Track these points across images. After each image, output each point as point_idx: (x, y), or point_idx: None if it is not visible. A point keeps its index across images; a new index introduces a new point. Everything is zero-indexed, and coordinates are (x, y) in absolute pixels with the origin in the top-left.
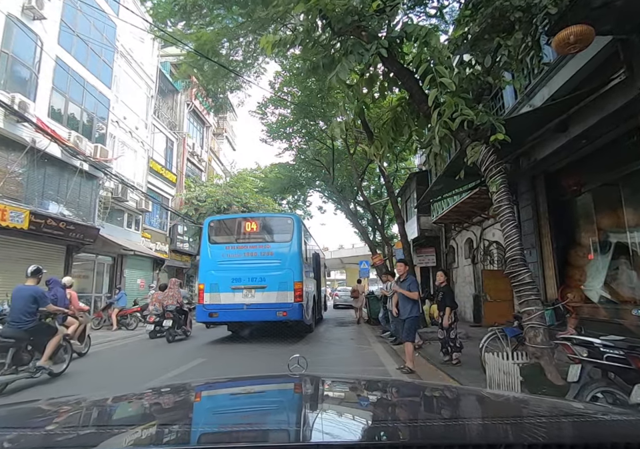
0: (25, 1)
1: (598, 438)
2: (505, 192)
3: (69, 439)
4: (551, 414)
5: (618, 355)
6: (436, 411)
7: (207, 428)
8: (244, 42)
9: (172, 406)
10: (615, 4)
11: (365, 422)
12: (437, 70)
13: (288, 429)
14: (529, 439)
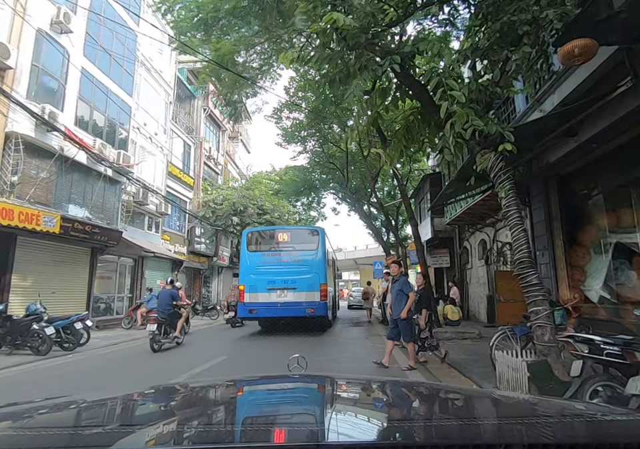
0: (54, 16)
1: (598, 438)
2: (513, 198)
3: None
4: (551, 414)
5: (616, 351)
6: (435, 411)
7: (208, 427)
8: (260, 50)
9: (169, 406)
10: (619, 17)
11: (365, 422)
12: (447, 83)
13: (288, 429)
14: (528, 439)
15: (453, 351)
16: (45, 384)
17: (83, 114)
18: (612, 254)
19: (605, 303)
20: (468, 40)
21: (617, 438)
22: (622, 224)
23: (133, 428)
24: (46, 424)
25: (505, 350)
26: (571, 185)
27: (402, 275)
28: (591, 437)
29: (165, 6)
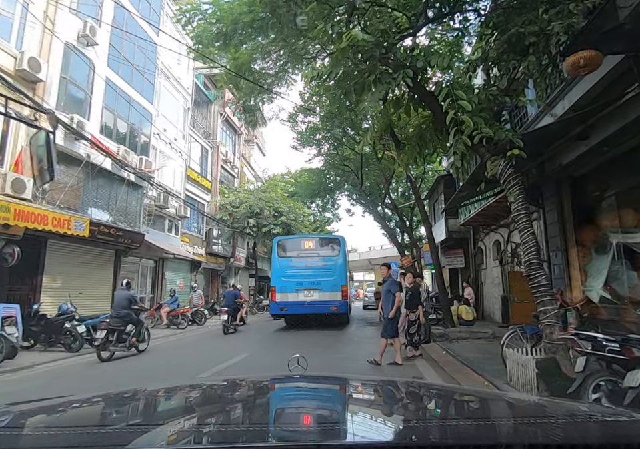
0: (80, 30)
1: (599, 438)
2: (522, 202)
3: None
4: (553, 415)
5: (615, 348)
6: (435, 411)
7: (210, 427)
8: (275, 57)
9: (171, 406)
10: (624, 28)
11: (366, 422)
12: (456, 94)
13: (288, 429)
14: (529, 439)
15: (466, 350)
16: (83, 378)
17: (107, 122)
18: (622, 255)
19: (606, 303)
20: (478, 50)
21: (620, 439)
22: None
23: (134, 427)
24: (47, 424)
25: (515, 348)
26: (584, 187)
27: (390, 276)
28: (593, 438)
29: (184, 18)
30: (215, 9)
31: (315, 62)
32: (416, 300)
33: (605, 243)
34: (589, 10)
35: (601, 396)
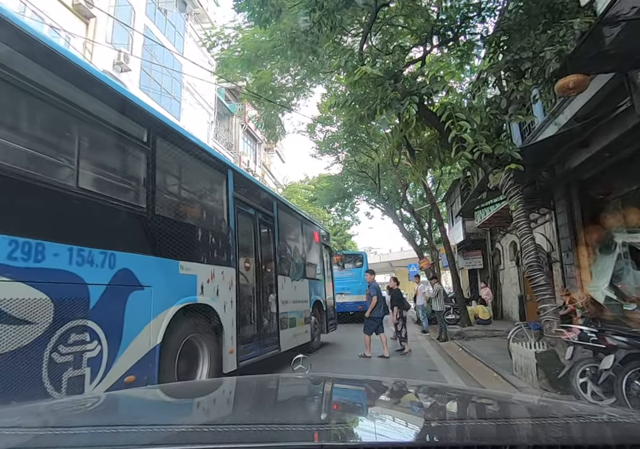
0: (115, 58)
1: (603, 439)
2: (522, 211)
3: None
4: (557, 416)
5: (595, 337)
6: (438, 411)
7: (211, 427)
8: (294, 72)
9: (174, 405)
10: (609, 53)
11: (368, 423)
12: (457, 116)
13: (290, 430)
14: (533, 440)
15: (480, 347)
16: None
17: None
18: (628, 254)
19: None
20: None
21: (626, 440)
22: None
23: (132, 427)
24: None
25: (520, 342)
26: (591, 190)
27: (373, 281)
28: (596, 438)
29: (209, 42)
30: (238, 37)
31: (332, 76)
32: (394, 302)
33: (609, 243)
34: (580, 35)
35: (586, 380)
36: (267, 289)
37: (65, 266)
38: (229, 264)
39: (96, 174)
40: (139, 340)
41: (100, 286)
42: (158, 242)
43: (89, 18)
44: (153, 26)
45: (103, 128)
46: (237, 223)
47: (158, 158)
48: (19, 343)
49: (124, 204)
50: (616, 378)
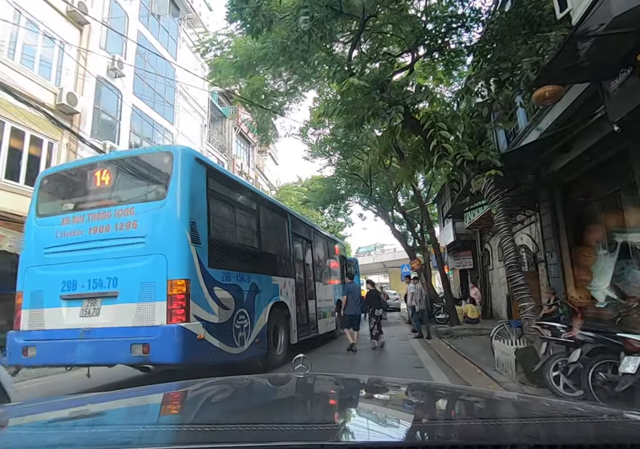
0: (109, 64)
1: (603, 439)
2: (502, 214)
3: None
4: (557, 415)
5: (564, 332)
6: (439, 411)
7: (212, 427)
8: (286, 77)
9: (175, 405)
10: (582, 65)
11: (369, 423)
12: (438, 125)
13: (291, 429)
14: (534, 440)
15: (468, 345)
16: None
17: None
18: (609, 254)
19: (604, 301)
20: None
21: (623, 440)
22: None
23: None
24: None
25: (501, 339)
26: (573, 192)
27: (348, 284)
28: (597, 438)
29: (203, 48)
30: (231, 44)
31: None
32: (367, 302)
33: (610, 243)
34: (555, 48)
35: (559, 373)
36: (310, 292)
37: (235, 281)
38: (291, 276)
39: (256, 237)
40: (260, 320)
41: (246, 291)
42: (264, 266)
43: (83, 24)
44: (147, 32)
45: (259, 218)
46: (293, 249)
47: (261, 218)
48: (223, 319)
49: (252, 247)
50: (583, 370)
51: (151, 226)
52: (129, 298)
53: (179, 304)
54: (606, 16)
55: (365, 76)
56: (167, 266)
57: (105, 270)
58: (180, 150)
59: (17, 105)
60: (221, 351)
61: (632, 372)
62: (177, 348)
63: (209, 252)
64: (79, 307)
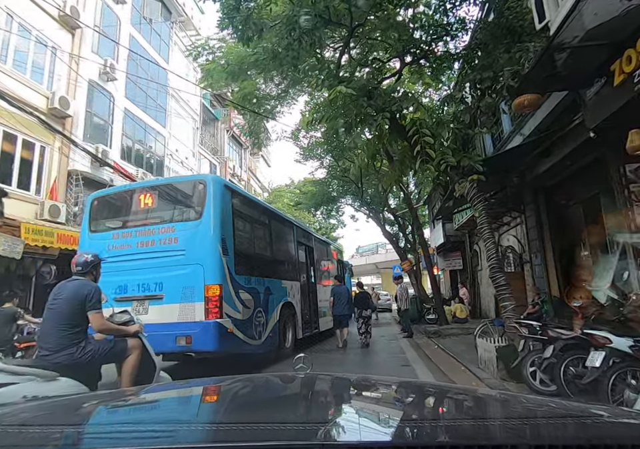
0: (101, 68)
1: (604, 439)
2: (485, 217)
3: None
4: (556, 415)
5: (540, 330)
6: (440, 411)
7: (212, 426)
8: (277, 81)
9: (175, 404)
10: (559, 74)
11: (370, 422)
12: (422, 132)
13: (292, 428)
14: (535, 440)
15: (455, 344)
16: None
17: (126, 148)
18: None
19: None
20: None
21: (624, 440)
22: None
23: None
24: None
25: (485, 337)
26: (555, 195)
27: (336, 286)
28: (598, 438)
29: (195, 52)
30: (223, 48)
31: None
32: (356, 303)
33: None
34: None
35: (535, 369)
36: (312, 293)
37: (255, 285)
38: (297, 280)
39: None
40: (272, 318)
41: (262, 293)
42: (275, 271)
43: (75, 28)
44: (138, 35)
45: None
46: (298, 255)
47: (272, 230)
48: (246, 316)
49: (266, 256)
50: (556, 365)
51: (189, 241)
52: (173, 299)
53: (214, 304)
54: (580, 29)
55: (352, 83)
56: (204, 274)
57: (151, 276)
58: (211, 178)
59: (8, 109)
60: (245, 343)
61: (597, 365)
62: (213, 339)
63: (234, 261)
64: (129, 307)
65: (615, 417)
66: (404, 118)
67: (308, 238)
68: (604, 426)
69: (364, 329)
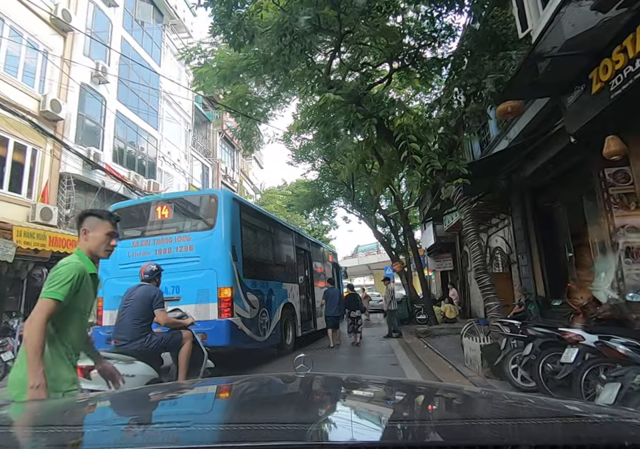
0: (93, 71)
1: (604, 439)
2: (470, 220)
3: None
4: (556, 415)
5: (520, 329)
6: (440, 411)
7: (211, 426)
8: (269, 84)
9: (174, 404)
10: (541, 81)
11: (370, 422)
12: (409, 138)
13: (292, 428)
14: (536, 440)
15: (444, 343)
16: None
17: (118, 151)
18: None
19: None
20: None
21: (624, 440)
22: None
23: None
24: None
25: (470, 337)
26: (540, 198)
27: (328, 289)
28: (595, 438)
29: (187, 56)
30: (214, 52)
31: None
32: (346, 305)
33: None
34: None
35: (516, 366)
36: (309, 294)
37: (260, 287)
38: (295, 282)
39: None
40: (275, 317)
41: (266, 295)
42: (277, 275)
43: (66, 31)
44: (130, 38)
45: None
46: (297, 259)
47: (274, 237)
48: (252, 315)
49: (269, 260)
50: (535, 362)
51: (203, 249)
52: (189, 300)
53: (226, 305)
54: (560, 39)
55: (342, 89)
56: (217, 278)
57: (169, 280)
58: (222, 193)
59: (0, 112)
60: (252, 339)
61: (571, 361)
62: (226, 335)
63: (243, 266)
64: None
65: (615, 417)
66: (392, 123)
67: (305, 243)
68: (603, 426)
69: (351, 329)
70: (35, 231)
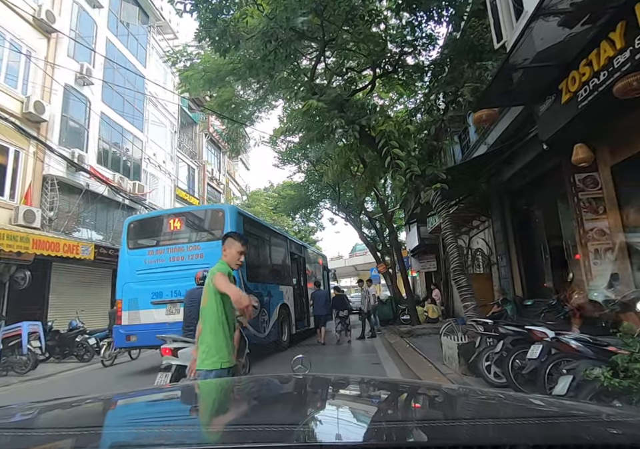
0: (77, 72)
1: (603, 439)
2: (449, 223)
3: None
4: (555, 415)
5: (493, 327)
6: (439, 411)
7: (209, 428)
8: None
9: (174, 406)
10: (515, 91)
11: (368, 423)
12: (391, 144)
13: (291, 429)
14: (534, 440)
15: (425, 342)
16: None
17: (103, 153)
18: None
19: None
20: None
21: (623, 440)
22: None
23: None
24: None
25: (449, 335)
26: (518, 201)
27: (315, 291)
28: (595, 438)
29: (173, 59)
30: (200, 54)
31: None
32: (333, 305)
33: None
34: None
35: (490, 363)
36: (303, 295)
37: (260, 290)
38: (290, 285)
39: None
40: (273, 316)
41: (265, 296)
42: (274, 278)
43: (50, 32)
44: (115, 39)
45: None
46: (291, 263)
47: (272, 244)
48: (254, 315)
49: (267, 265)
50: (505, 359)
51: (212, 257)
52: None
53: None
54: (531, 51)
55: (325, 96)
56: None
57: (182, 284)
58: (228, 207)
59: None
60: (254, 335)
61: (535, 357)
62: None
63: (247, 271)
64: (164, 309)
65: (614, 417)
66: (374, 129)
67: (299, 248)
68: (602, 426)
69: (340, 328)
70: (18, 234)
